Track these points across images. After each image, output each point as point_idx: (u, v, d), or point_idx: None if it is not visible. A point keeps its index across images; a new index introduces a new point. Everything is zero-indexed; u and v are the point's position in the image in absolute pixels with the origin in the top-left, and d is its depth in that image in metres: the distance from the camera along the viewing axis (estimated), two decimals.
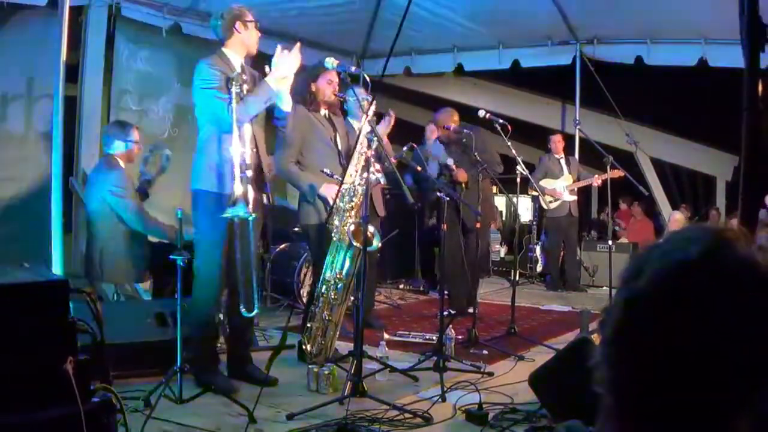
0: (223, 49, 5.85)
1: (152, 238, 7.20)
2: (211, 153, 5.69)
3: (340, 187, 5.99)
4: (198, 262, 5.67)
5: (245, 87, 5.63)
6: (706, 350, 1.15)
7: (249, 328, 6.32)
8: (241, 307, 5.53)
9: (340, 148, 6.83)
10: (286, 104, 5.82)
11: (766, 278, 1.19)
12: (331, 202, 6.31)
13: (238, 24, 5.78)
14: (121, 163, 7.08)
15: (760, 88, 2.43)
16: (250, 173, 5.34)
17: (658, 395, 1.19)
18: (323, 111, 6.85)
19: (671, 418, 1.19)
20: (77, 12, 8.84)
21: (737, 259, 1.20)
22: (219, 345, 6.20)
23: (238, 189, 5.19)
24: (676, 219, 12.56)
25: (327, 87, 6.79)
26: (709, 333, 1.16)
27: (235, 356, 6.10)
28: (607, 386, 1.26)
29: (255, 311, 5.61)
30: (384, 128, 7.85)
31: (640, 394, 1.22)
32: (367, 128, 6.20)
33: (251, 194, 5.31)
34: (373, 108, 6.22)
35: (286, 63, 5.65)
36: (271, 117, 6.06)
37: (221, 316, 6.18)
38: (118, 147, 7.06)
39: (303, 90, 6.79)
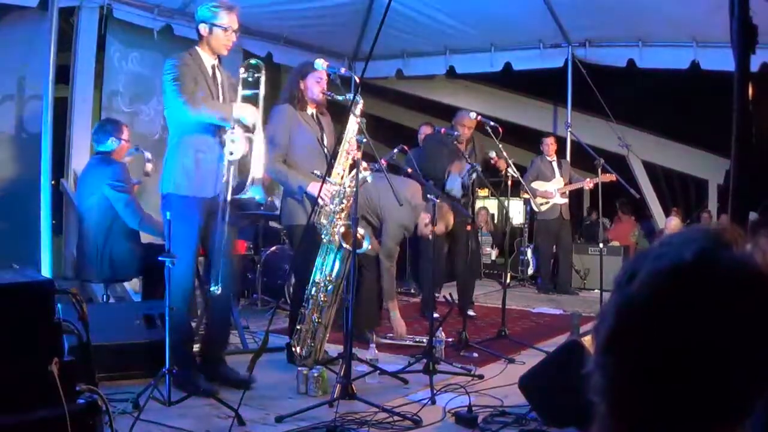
0: (197, 47, 5.87)
1: (144, 238, 7.17)
2: (182, 154, 5.71)
3: (323, 183, 5.96)
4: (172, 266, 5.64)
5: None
6: (702, 355, 1.14)
7: (224, 330, 6.30)
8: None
9: (326, 147, 6.81)
10: (249, 122, 5.78)
11: (763, 279, 1.17)
12: (318, 200, 6.29)
13: (201, 26, 5.78)
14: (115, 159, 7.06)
15: (750, 90, 2.42)
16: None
17: (654, 403, 1.17)
18: (310, 110, 6.82)
19: (667, 426, 1.17)
20: (68, 13, 8.84)
21: (733, 260, 1.18)
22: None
23: (257, 172, 5.44)
24: (672, 227, 12.53)
25: (315, 85, 6.76)
26: (705, 337, 1.14)
27: (209, 358, 6.08)
28: (601, 394, 1.24)
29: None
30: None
31: (634, 401, 1.20)
32: (354, 128, 6.20)
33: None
34: (360, 108, 6.21)
35: (252, 115, 5.67)
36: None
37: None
38: (110, 144, 7.01)
39: (291, 88, 6.78)
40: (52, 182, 7.77)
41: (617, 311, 1.22)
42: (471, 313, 9.05)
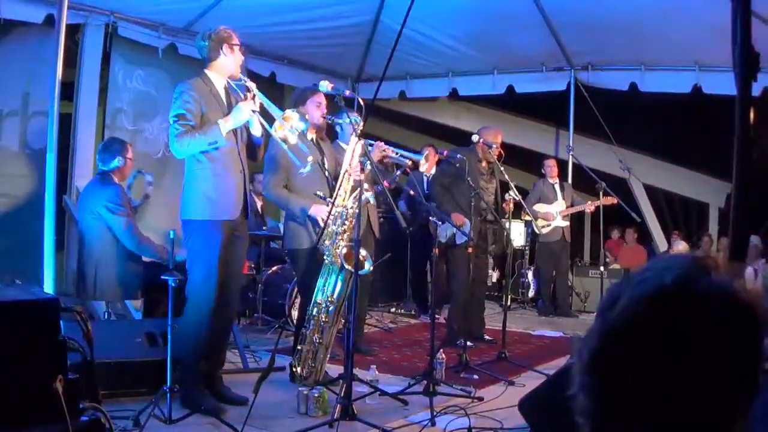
0: (207, 71, 5.86)
1: (144, 258, 7.18)
2: (201, 180, 5.72)
3: (332, 208, 5.99)
4: (194, 286, 5.66)
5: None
6: (683, 377, 1.16)
7: (224, 349, 6.30)
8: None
9: (327, 171, 6.84)
10: (255, 129, 5.84)
11: (740, 306, 1.19)
12: (321, 223, 6.32)
13: (225, 47, 5.78)
14: (116, 180, 7.06)
15: (751, 115, 2.45)
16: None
17: (635, 424, 1.19)
18: (310, 135, 6.84)
19: None
20: (74, 30, 8.88)
21: (712, 286, 1.20)
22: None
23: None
24: (680, 251, 12.53)
25: (315, 110, 6.80)
26: (684, 360, 1.16)
27: (207, 376, 6.06)
28: (585, 415, 1.26)
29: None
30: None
31: (616, 423, 1.22)
32: (358, 149, 6.21)
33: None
34: (360, 129, 6.22)
35: (244, 111, 5.67)
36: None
37: None
38: (114, 163, 7.02)
39: None
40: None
41: (600, 334, 1.25)
42: (487, 337, 9.03)
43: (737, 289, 1.20)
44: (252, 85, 5.82)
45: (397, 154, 7.14)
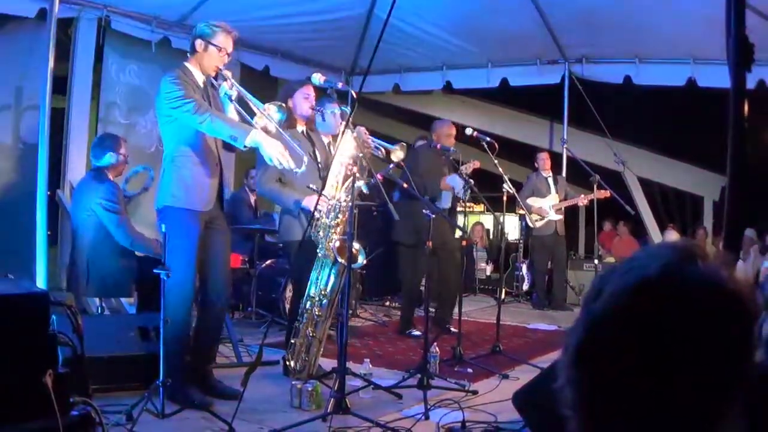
0: (186, 63, 5.84)
1: (138, 253, 7.16)
2: (179, 168, 5.69)
3: (319, 197, 5.97)
4: (173, 278, 5.61)
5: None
6: (668, 369, 1.14)
7: (215, 345, 6.27)
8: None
9: (319, 162, 6.81)
10: (265, 155, 5.76)
11: (727, 295, 1.17)
12: (314, 213, 6.29)
13: (198, 42, 5.76)
14: (110, 176, 7.03)
15: (745, 108, 2.43)
16: None
17: (621, 417, 1.18)
18: (300, 127, 6.82)
19: None
20: (66, 24, 8.85)
21: (698, 275, 1.18)
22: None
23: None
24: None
25: (304, 102, 6.77)
26: (670, 351, 1.14)
27: (197, 371, 6.03)
28: (572, 408, 1.25)
29: None
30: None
31: (602, 416, 1.20)
32: (349, 142, 6.20)
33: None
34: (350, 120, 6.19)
35: (273, 149, 5.54)
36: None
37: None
38: (107, 160, 7.00)
39: None
40: (48, 193, 7.77)
41: (585, 326, 1.23)
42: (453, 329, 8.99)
43: (724, 277, 1.18)
44: (228, 74, 5.80)
45: (373, 143, 7.11)
